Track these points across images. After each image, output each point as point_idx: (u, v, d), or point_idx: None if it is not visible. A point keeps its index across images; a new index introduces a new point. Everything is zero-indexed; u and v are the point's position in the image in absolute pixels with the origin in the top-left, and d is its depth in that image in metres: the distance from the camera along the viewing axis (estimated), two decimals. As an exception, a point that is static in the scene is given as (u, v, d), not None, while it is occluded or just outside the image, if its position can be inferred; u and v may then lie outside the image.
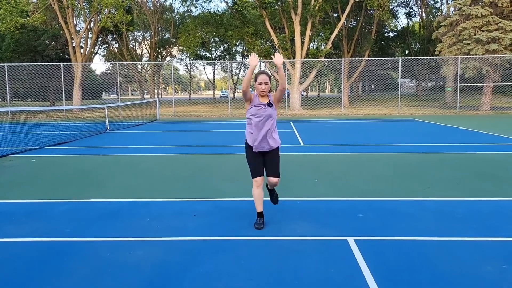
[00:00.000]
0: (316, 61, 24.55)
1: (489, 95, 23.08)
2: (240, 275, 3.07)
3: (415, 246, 3.58)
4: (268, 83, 3.97)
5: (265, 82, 3.94)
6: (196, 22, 28.33)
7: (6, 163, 7.98)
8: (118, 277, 3.06)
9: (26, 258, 3.43)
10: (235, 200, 5.11)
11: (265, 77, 3.97)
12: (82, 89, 26.54)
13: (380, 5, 23.98)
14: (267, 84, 3.96)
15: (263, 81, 3.94)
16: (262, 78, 3.95)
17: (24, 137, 12.37)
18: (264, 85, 3.94)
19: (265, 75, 3.98)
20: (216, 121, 19.04)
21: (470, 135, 11.74)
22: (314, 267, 3.19)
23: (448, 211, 4.53)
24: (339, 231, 3.95)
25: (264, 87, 3.94)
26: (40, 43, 35.62)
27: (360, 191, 5.45)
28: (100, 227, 4.16)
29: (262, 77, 3.96)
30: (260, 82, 3.94)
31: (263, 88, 3.94)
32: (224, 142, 10.84)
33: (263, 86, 3.93)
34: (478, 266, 3.16)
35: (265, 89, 3.95)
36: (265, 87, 3.94)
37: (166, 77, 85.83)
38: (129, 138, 12.22)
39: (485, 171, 6.62)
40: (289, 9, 23.65)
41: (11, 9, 23.00)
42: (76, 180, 6.39)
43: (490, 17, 21.31)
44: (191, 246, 3.65)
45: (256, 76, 4.02)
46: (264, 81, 3.94)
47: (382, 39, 41.51)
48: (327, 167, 7.21)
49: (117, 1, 23.14)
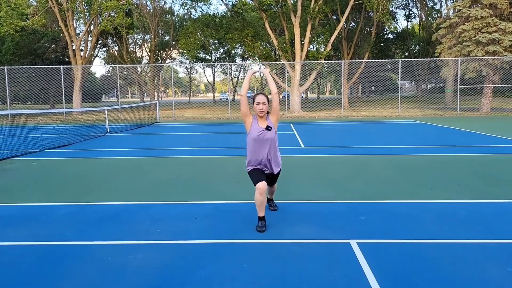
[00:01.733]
0: (316, 63, 24.56)
1: (489, 96, 23.08)
2: (242, 279, 3.04)
3: (418, 248, 3.55)
4: (266, 103, 4.02)
5: (263, 102, 4.00)
6: (196, 24, 28.36)
7: (6, 166, 7.95)
8: (118, 281, 3.04)
9: (26, 262, 3.40)
10: (236, 203, 5.08)
11: (262, 97, 4.02)
12: (82, 92, 26.53)
13: (380, 7, 24.01)
14: (265, 105, 4.02)
15: (261, 101, 3.99)
16: (259, 99, 4.00)
17: (24, 140, 12.34)
18: (262, 105, 3.99)
19: (263, 96, 4.04)
20: (216, 123, 19.03)
21: (470, 136, 11.72)
22: (317, 270, 3.16)
23: (451, 213, 4.51)
24: (341, 233, 3.93)
25: (262, 107, 3.99)
26: (40, 46, 35.64)
27: (362, 193, 5.42)
28: (101, 230, 4.14)
29: (260, 97, 4.01)
30: (258, 102, 4.00)
31: (261, 108, 3.99)
32: (224, 144, 10.82)
33: (260, 106, 3.99)
34: (482, 269, 3.13)
35: (263, 109, 4.00)
36: (263, 107, 4.00)
37: (166, 80, 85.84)
38: (129, 140, 12.20)
39: (486, 173, 6.59)
40: (289, 11, 23.68)
41: (11, 12, 23.02)
42: (76, 183, 6.37)
43: (489, 18, 21.33)
44: (192, 249, 3.63)
45: (254, 97, 4.07)
46: (261, 101, 4.00)
47: (382, 41, 41.57)
48: (328, 169, 7.19)
49: (117, 4, 23.17)
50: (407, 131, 13.72)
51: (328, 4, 26.73)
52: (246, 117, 4.09)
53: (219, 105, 43.28)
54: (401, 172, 6.78)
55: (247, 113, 4.09)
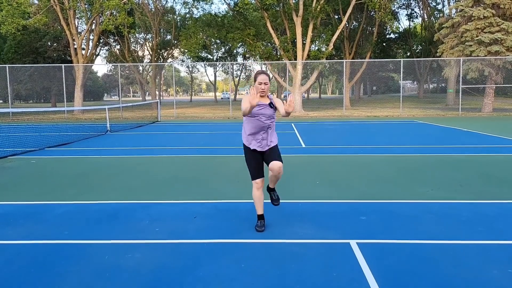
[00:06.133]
0: (318, 62, 24.51)
1: (491, 96, 22.99)
2: (240, 279, 3.01)
3: (418, 249, 3.51)
4: (267, 83, 3.93)
5: (265, 82, 3.90)
6: (197, 24, 28.33)
7: (6, 164, 7.94)
8: (116, 280, 3.01)
9: (23, 260, 3.37)
10: (235, 202, 5.05)
11: (264, 77, 3.92)
12: (83, 91, 26.53)
13: (382, 7, 23.94)
14: (267, 84, 3.92)
15: (263, 81, 3.89)
16: (262, 78, 3.90)
17: (25, 138, 12.34)
18: (263, 85, 3.89)
19: (265, 75, 3.94)
20: (217, 123, 19.00)
21: (472, 136, 11.67)
22: (316, 270, 3.12)
23: (452, 214, 4.46)
24: (341, 234, 3.89)
25: (264, 87, 3.89)
26: (42, 45, 35.66)
27: (363, 193, 5.39)
28: (99, 229, 4.11)
29: (262, 77, 3.91)
30: (260, 82, 3.89)
31: (263, 88, 3.89)
32: (225, 144, 10.79)
33: (262, 86, 3.89)
34: (484, 270, 3.09)
35: (265, 89, 3.90)
36: (265, 87, 3.90)
37: (168, 79, 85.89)
38: (129, 139, 12.18)
39: (489, 173, 6.55)
40: (291, 10, 23.64)
41: (13, 11, 23.01)
42: (76, 181, 6.34)
43: (492, 18, 21.25)
44: (191, 248, 3.60)
45: (255, 76, 3.98)
46: (263, 81, 3.89)
47: (384, 41, 41.48)
48: (328, 169, 7.15)
49: (118, 3, 23.16)
50: (409, 131, 13.67)
51: (330, 3, 26.69)
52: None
53: (221, 104, 43.27)
54: (402, 172, 6.74)
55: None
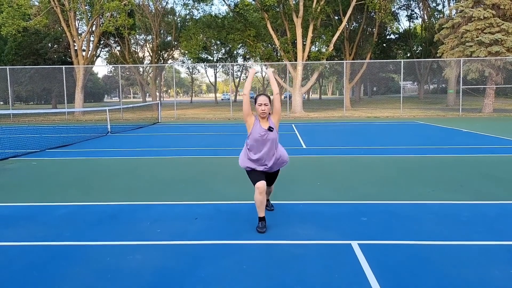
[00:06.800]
0: (318, 63, 24.52)
1: (491, 97, 22.98)
2: (241, 280, 3.01)
3: (420, 250, 3.51)
4: (268, 104, 3.98)
5: (265, 103, 3.96)
6: (197, 25, 28.34)
7: (6, 165, 7.94)
8: (117, 281, 3.01)
9: (24, 262, 3.37)
10: (236, 203, 5.05)
11: (264, 98, 3.98)
12: (84, 92, 26.56)
13: (382, 8, 23.95)
14: (267, 106, 3.97)
15: (263, 102, 3.96)
16: (261, 100, 3.96)
17: (26, 140, 12.34)
18: (264, 106, 3.95)
19: (265, 96, 4.00)
20: (218, 124, 19.00)
21: (473, 137, 11.66)
22: (317, 271, 3.12)
23: (453, 214, 4.46)
24: (342, 235, 3.89)
25: (264, 108, 3.95)
26: (42, 46, 35.71)
27: (363, 194, 5.38)
28: (100, 230, 4.11)
29: (262, 98, 3.98)
30: (260, 103, 3.96)
31: (263, 110, 3.95)
32: (225, 145, 10.79)
33: (262, 107, 3.95)
34: (485, 271, 3.09)
35: (265, 110, 3.96)
36: (265, 108, 3.96)
37: (168, 80, 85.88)
38: (130, 140, 12.19)
39: (489, 174, 6.54)
40: (291, 11, 23.66)
41: (13, 12, 23.04)
42: (76, 183, 6.35)
43: (492, 19, 21.24)
44: (192, 250, 3.60)
45: (256, 98, 4.04)
46: (263, 102, 3.96)
47: (384, 42, 41.47)
48: (329, 169, 7.15)
49: (119, 5, 23.18)
50: (409, 132, 13.67)
51: (330, 4, 26.69)
52: (248, 116, 4.06)
53: (221, 105, 43.28)
54: (403, 173, 6.74)
55: (249, 112, 4.06)
